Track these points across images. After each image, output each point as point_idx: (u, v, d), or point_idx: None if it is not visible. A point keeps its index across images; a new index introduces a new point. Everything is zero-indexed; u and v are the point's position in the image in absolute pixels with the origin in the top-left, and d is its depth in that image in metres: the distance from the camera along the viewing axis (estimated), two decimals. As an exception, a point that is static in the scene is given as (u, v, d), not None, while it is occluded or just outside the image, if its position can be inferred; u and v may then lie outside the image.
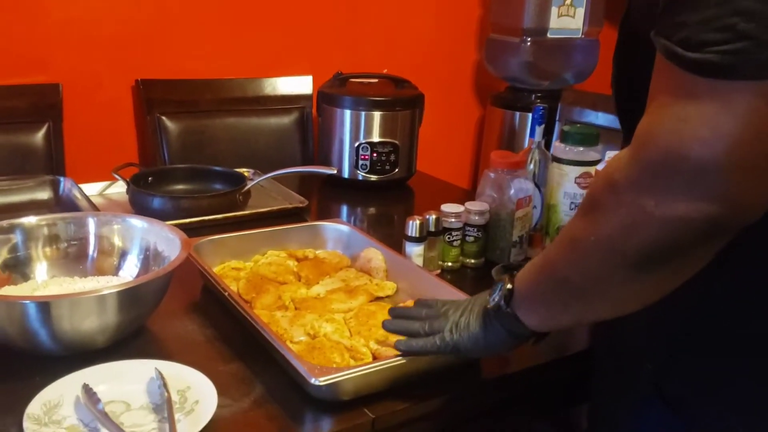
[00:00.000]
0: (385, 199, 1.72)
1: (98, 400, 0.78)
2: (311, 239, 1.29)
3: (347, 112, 1.70)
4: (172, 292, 0.99)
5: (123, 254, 1.06)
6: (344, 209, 1.68)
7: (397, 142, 1.70)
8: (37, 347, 0.87)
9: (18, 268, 1.03)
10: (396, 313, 0.91)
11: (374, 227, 1.58)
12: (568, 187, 1.32)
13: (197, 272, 1.11)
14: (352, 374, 0.82)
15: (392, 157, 1.71)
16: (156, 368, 0.85)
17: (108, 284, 1.03)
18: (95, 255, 1.06)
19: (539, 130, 1.30)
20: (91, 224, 1.07)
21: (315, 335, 0.98)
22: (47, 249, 1.04)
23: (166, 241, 1.03)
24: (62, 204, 1.44)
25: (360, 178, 1.71)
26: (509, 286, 0.76)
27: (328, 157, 1.77)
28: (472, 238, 1.26)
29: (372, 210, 1.68)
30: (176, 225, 1.32)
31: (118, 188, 1.57)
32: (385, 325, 0.88)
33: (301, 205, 1.52)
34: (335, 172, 1.50)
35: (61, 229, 1.05)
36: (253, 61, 1.93)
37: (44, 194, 1.46)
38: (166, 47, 1.82)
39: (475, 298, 0.86)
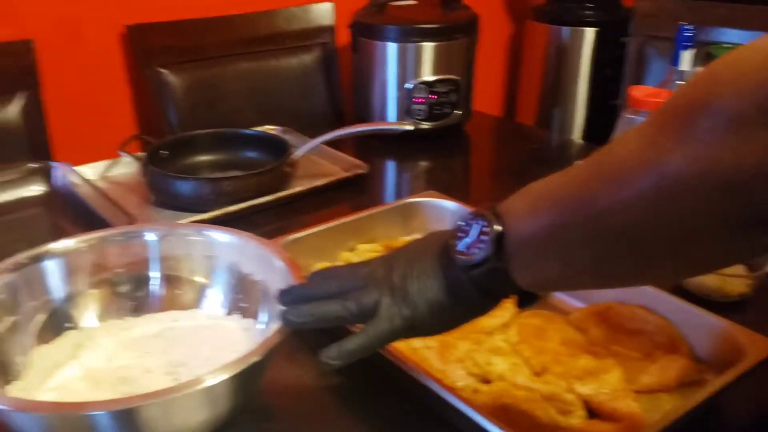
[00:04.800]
0: (441, 150, 1.42)
1: None
2: (404, 223, 1.01)
3: (391, 46, 1.38)
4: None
5: (202, 285, 0.76)
6: (393, 170, 1.37)
7: (457, 78, 1.40)
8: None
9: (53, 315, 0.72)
10: (291, 295, 0.61)
11: (458, 193, 1.28)
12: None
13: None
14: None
15: (452, 98, 1.40)
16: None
17: (192, 321, 0.74)
18: (161, 287, 0.76)
19: (686, 56, 1.01)
20: (152, 241, 0.76)
21: (485, 377, 0.71)
22: (91, 281, 0.74)
23: (256, 260, 0.74)
24: (60, 200, 1.12)
25: (413, 127, 1.41)
26: (499, 228, 0.50)
27: (368, 104, 1.46)
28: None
29: (430, 165, 1.38)
30: (219, 216, 1.05)
31: (123, 168, 1.24)
32: (287, 317, 0.59)
33: (361, 171, 1.22)
34: (412, 128, 1.20)
35: (110, 253, 0.74)
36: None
37: (34, 188, 1.13)
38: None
39: (417, 248, 0.58)
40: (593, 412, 0.67)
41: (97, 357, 0.70)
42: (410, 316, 0.55)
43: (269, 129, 1.39)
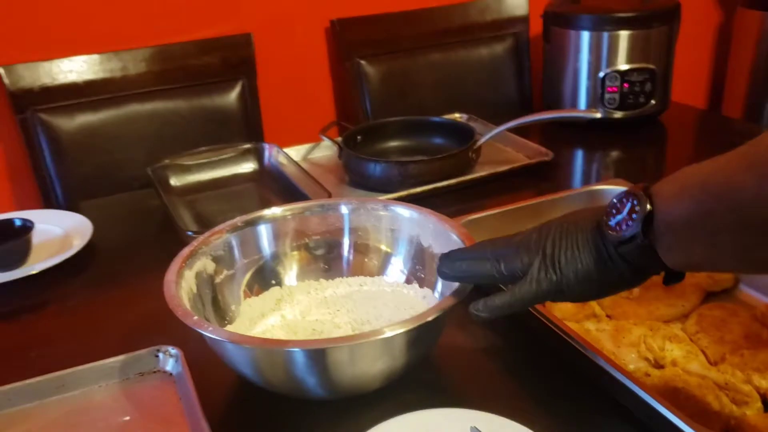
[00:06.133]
0: (633, 141, 1.38)
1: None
2: (587, 209, 1.00)
3: (585, 35, 1.37)
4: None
5: (386, 253, 0.83)
6: (580, 158, 1.35)
7: (653, 67, 1.35)
8: (299, 393, 0.67)
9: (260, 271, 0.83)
10: (450, 256, 0.66)
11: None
12: None
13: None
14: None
15: (647, 87, 1.36)
16: (474, 428, 0.61)
17: (376, 287, 0.81)
18: (351, 253, 0.84)
19: None
20: (345, 214, 0.84)
21: (659, 362, 0.70)
22: (293, 244, 0.84)
23: (435, 234, 0.79)
24: (268, 176, 1.25)
25: (601, 115, 1.39)
26: (648, 207, 0.51)
27: (558, 93, 1.45)
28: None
29: (621, 156, 1.34)
30: (404, 196, 1.12)
31: (322, 151, 1.36)
32: (442, 271, 0.66)
33: (545, 158, 1.23)
34: (599, 115, 1.19)
35: (309, 221, 0.84)
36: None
37: (248, 166, 1.27)
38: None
39: (570, 220, 0.59)
40: (773, 407, 0.64)
41: (294, 311, 0.79)
42: (557, 281, 0.58)
43: (456, 117, 1.44)
